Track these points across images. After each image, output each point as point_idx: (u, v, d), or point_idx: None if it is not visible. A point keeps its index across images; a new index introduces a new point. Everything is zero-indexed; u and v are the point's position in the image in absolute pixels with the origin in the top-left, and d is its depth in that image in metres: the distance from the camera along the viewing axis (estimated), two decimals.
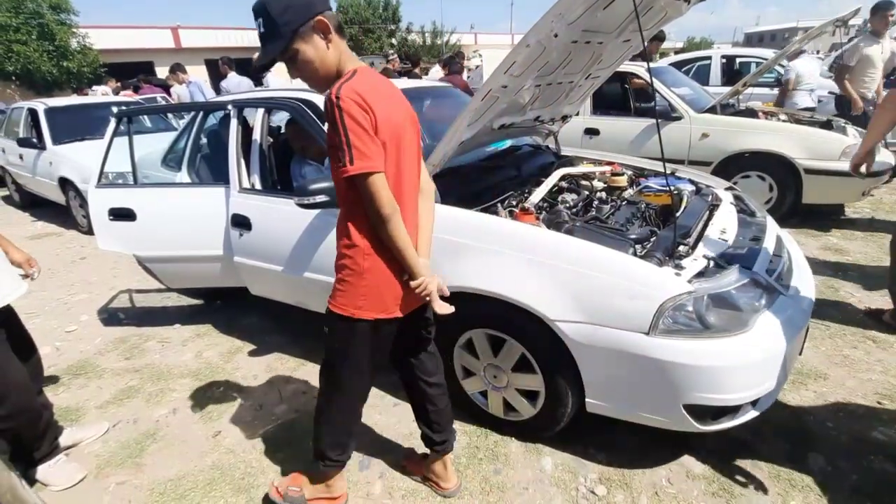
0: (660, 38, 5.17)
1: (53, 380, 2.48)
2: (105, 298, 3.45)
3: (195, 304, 3.26)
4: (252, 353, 2.61)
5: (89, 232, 4.96)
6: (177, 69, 6.45)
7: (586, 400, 1.63)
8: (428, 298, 1.29)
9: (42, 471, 1.84)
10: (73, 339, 2.92)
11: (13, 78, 14.96)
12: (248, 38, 21.63)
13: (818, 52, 12.10)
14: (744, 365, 1.41)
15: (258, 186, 2.40)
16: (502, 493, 1.65)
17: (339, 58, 1.20)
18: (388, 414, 2.08)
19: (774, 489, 1.61)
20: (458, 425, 1.96)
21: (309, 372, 2.42)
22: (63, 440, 1.97)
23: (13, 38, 14.56)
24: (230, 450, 1.93)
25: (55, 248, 4.74)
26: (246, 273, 2.45)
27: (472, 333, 1.80)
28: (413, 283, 1.27)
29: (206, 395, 2.28)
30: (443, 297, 1.32)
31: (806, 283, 1.76)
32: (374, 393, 2.21)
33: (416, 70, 7.51)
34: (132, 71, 14.31)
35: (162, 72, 17.13)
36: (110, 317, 3.18)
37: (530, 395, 1.76)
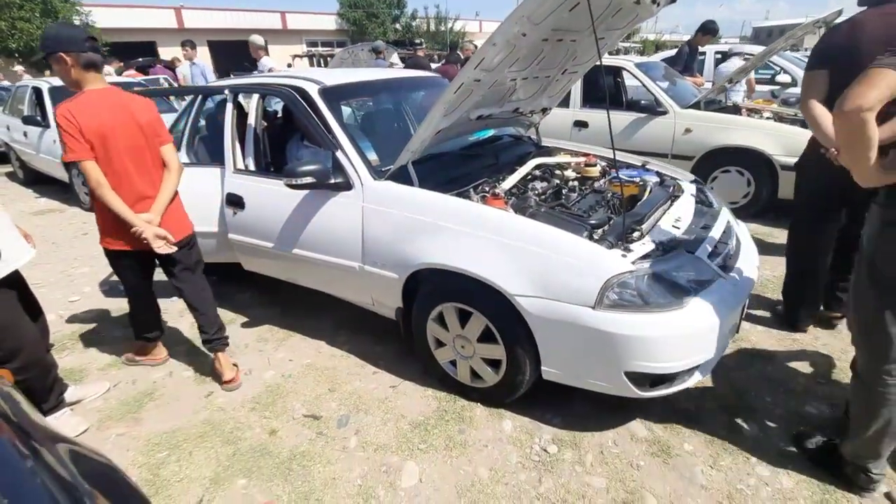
0: (713, 30, 5.16)
1: (57, 344, 2.65)
2: (106, 272, 3.61)
3: None
4: (244, 325, 2.78)
5: (91, 209, 5.11)
6: (187, 45, 6.49)
7: (542, 368, 1.80)
8: (146, 241, 1.97)
9: (49, 422, 2.03)
10: (75, 309, 3.09)
11: (16, 55, 14.96)
12: (251, 19, 21.52)
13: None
14: (677, 337, 1.57)
15: (252, 168, 2.55)
16: (464, 449, 1.84)
17: (78, 80, 1.89)
18: (366, 380, 2.26)
19: (707, 452, 1.79)
20: (430, 392, 2.15)
21: (297, 343, 2.60)
22: (67, 396, 2.15)
23: (17, 15, 14.53)
24: (221, 408, 2.12)
25: (58, 223, 4.90)
26: (239, 249, 2.62)
27: (442, 307, 1.97)
28: (131, 231, 1.94)
29: (200, 361, 2.46)
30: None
31: (748, 270, 1.92)
32: (355, 362, 2.40)
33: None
34: (134, 51, 14.32)
35: (164, 52, 17.12)
36: (111, 289, 3.35)
37: (494, 364, 1.94)
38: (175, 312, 2.95)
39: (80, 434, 2.01)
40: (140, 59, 9.09)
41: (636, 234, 1.83)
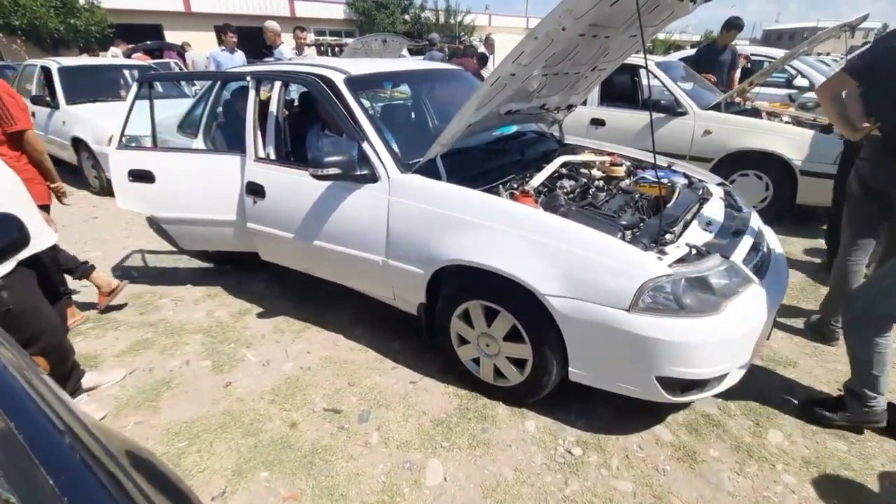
0: (737, 25, 5.04)
1: (72, 329, 2.63)
2: (118, 257, 3.59)
3: (206, 266, 3.40)
4: (260, 315, 2.76)
5: (101, 192, 5.07)
6: (229, 30, 5.67)
7: (569, 369, 1.78)
8: (62, 194, 2.64)
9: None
10: (88, 294, 3.06)
11: (19, 33, 14.80)
12: (259, 5, 21.29)
13: (829, 53, 11.99)
14: (712, 343, 1.55)
15: (273, 157, 2.51)
16: (487, 448, 1.82)
17: None
18: (386, 375, 2.24)
19: (733, 458, 1.78)
20: (450, 388, 2.14)
21: (313, 335, 2.57)
22: (84, 382, 2.13)
23: None
24: (240, 399, 2.10)
25: (67, 206, 4.85)
26: (257, 239, 2.59)
27: (468, 304, 1.94)
28: (54, 187, 2.57)
29: (217, 350, 2.44)
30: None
31: (780, 276, 1.89)
32: (374, 356, 2.39)
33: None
34: (140, 33, 14.18)
35: (171, 36, 16.93)
36: (124, 274, 3.32)
37: (519, 363, 1.92)
38: (190, 301, 2.93)
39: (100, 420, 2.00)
40: (148, 42, 9.00)
41: (669, 237, 1.80)
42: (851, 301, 1.83)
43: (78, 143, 5.03)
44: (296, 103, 3.31)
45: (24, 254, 1.78)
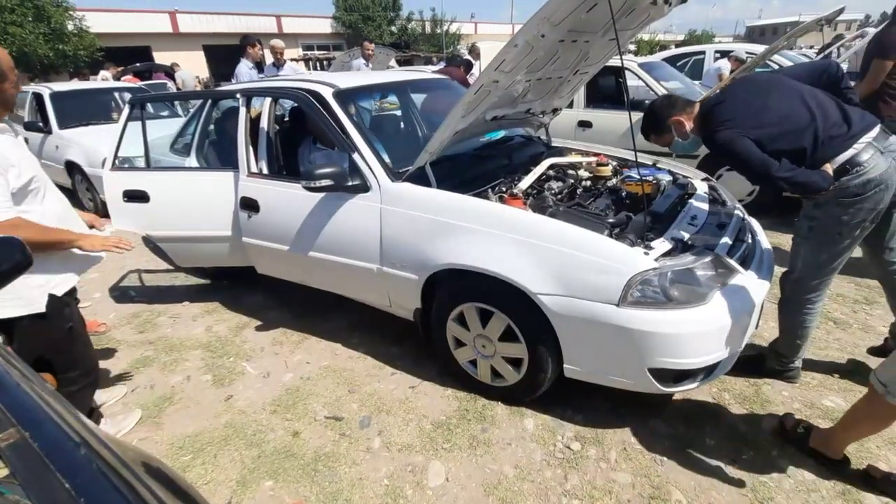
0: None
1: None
2: (115, 277, 3.61)
3: (203, 283, 3.42)
4: (258, 329, 2.78)
5: (96, 214, 5.09)
6: (251, 41, 5.14)
7: (564, 366, 1.82)
8: None
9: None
10: (88, 315, 3.07)
11: None
12: (247, 23, 21.48)
13: (812, 46, 12.18)
14: (700, 333, 1.60)
15: (265, 171, 2.56)
16: (488, 447, 1.85)
17: None
18: (386, 381, 2.27)
19: (729, 445, 1.81)
20: (449, 391, 2.17)
21: (312, 345, 2.60)
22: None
23: (8, 19, 14.48)
24: (242, 411, 2.12)
25: None
26: (253, 252, 2.62)
27: (463, 307, 1.98)
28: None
29: (217, 365, 2.47)
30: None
31: (765, 266, 1.94)
32: (372, 363, 2.41)
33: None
34: (129, 56, 14.29)
35: (159, 57, 17.04)
36: (122, 294, 3.35)
37: (515, 363, 1.95)
38: (188, 317, 2.95)
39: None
40: (138, 64, 9.06)
41: (654, 232, 1.85)
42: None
43: (71, 167, 5.06)
44: (286, 118, 3.37)
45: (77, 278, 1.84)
